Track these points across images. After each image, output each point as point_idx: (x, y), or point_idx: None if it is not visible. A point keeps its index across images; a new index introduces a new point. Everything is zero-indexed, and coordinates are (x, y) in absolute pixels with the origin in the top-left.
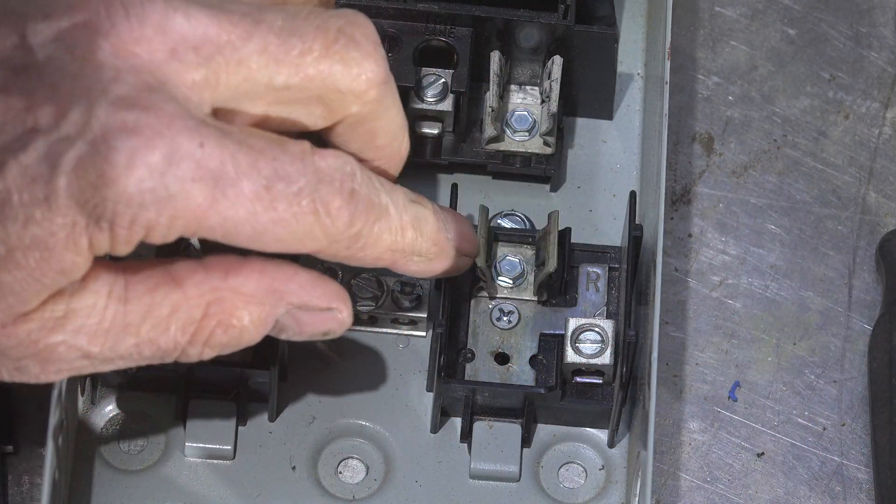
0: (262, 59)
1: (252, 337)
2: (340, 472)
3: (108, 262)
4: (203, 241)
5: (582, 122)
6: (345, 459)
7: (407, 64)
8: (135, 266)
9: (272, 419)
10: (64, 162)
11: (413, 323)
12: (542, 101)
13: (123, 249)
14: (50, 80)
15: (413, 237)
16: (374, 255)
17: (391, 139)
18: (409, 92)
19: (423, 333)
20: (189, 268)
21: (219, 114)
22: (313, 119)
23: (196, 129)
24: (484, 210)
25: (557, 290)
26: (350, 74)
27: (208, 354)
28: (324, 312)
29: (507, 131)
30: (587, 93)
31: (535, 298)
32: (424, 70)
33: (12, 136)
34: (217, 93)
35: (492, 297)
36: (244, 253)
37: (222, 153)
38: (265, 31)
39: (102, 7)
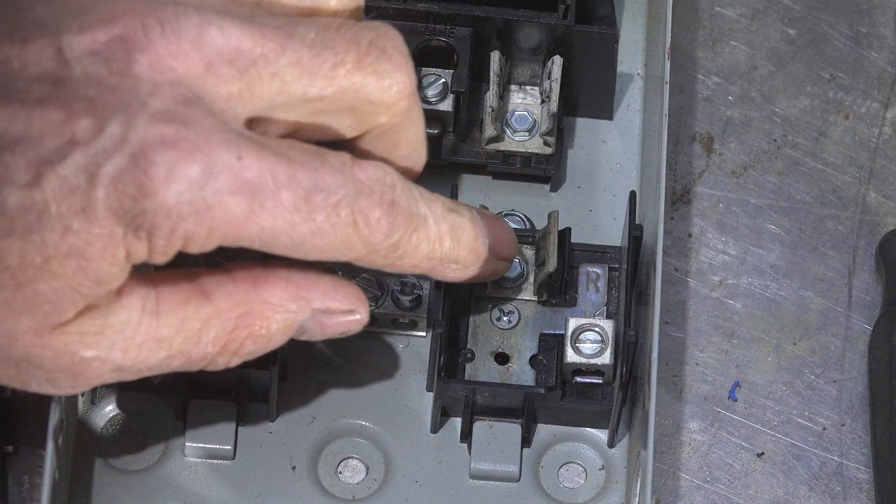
0: (296, 72)
1: (278, 342)
2: (340, 472)
3: (139, 276)
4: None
5: (582, 122)
6: (345, 459)
7: None
8: (164, 279)
9: (272, 419)
10: (102, 174)
11: (413, 323)
12: (542, 101)
13: (160, 259)
14: (87, 93)
15: (450, 246)
16: (412, 264)
17: (412, 149)
18: None
19: (423, 333)
20: (217, 280)
21: (252, 123)
22: (343, 129)
23: (234, 142)
24: (484, 210)
25: (557, 290)
26: (382, 86)
27: (235, 362)
28: (345, 314)
29: (507, 131)
30: (587, 93)
31: (535, 298)
32: (424, 70)
33: (51, 147)
34: (252, 105)
35: (492, 297)
36: (266, 257)
37: (260, 165)
38: (298, 43)
39: (139, 21)
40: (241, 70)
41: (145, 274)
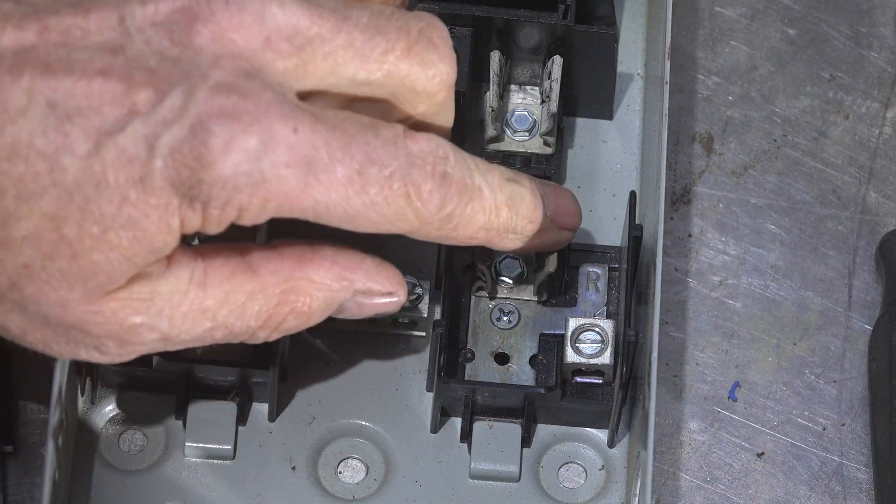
0: (348, 54)
1: (318, 319)
2: (340, 472)
3: (189, 247)
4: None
5: (582, 122)
6: (345, 459)
7: None
8: (213, 251)
9: (272, 419)
10: (161, 144)
11: (413, 323)
12: (542, 101)
13: (214, 230)
14: (148, 63)
15: (508, 216)
16: (468, 235)
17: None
18: None
19: (423, 333)
20: (264, 256)
21: (303, 99)
22: (382, 116)
23: (291, 115)
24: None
25: (557, 290)
26: (427, 75)
27: (275, 337)
28: (384, 296)
29: (507, 131)
30: (587, 93)
31: (535, 298)
32: None
33: (111, 118)
34: (303, 82)
35: (492, 297)
36: (311, 234)
37: (316, 138)
38: (352, 26)
39: None
40: (298, 47)
41: (195, 245)
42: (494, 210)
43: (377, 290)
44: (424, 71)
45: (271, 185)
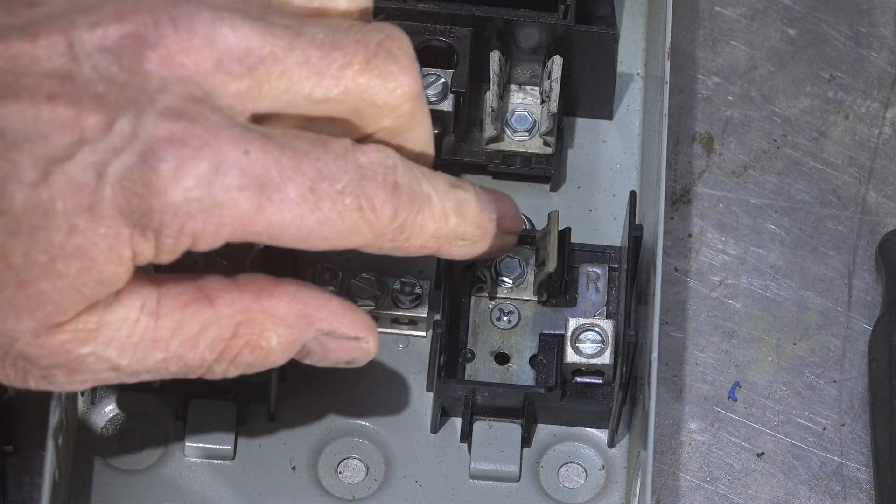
0: (304, 71)
1: (277, 359)
2: (340, 472)
3: (141, 276)
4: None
5: (582, 122)
6: (345, 459)
7: None
8: (168, 280)
9: (272, 419)
10: (110, 172)
11: (413, 323)
12: (542, 101)
13: (167, 258)
14: (97, 89)
15: (456, 222)
16: (419, 244)
17: (420, 151)
18: None
19: (423, 333)
20: (222, 286)
21: (258, 121)
22: (346, 132)
23: (241, 137)
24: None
25: (557, 290)
26: (387, 89)
27: (233, 373)
28: (351, 341)
29: (507, 131)
30: (587, 93)
31: (535, 298)
32: (424, 70)
33: (60, 145)
34: (258, 102)
35: (492, 297)
36: (278, 272)
37: (267, 159)
38: (307, 43)
39: (150, 18)
40: (250, 68)
41: (149, 275)
42: (443, 217)
43: (343, 332)
44: (384, 84)
45: (224, 209)
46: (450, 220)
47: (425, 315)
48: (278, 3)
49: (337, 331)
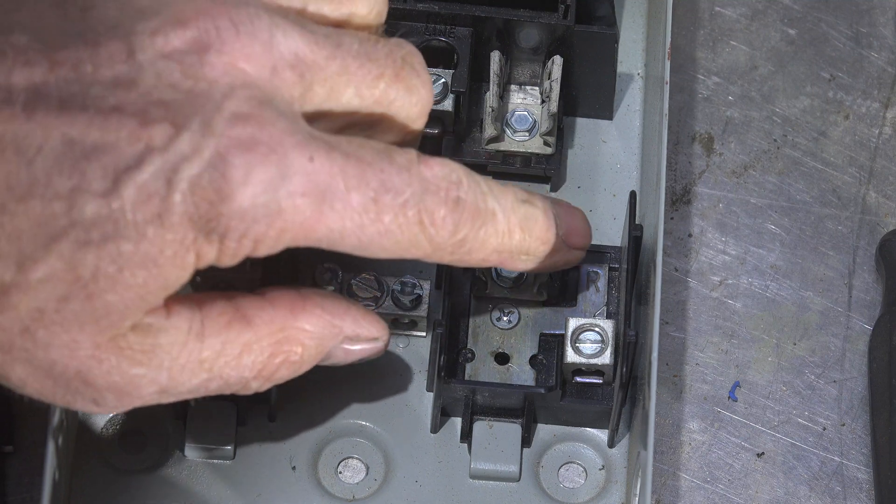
0: (343, 80)
1: (308, 367)
2: (340, 472)
3: (186, 297)
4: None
5: (582, 122)
6: (345, 459)
7: None
8: (209, 301)
9: (272, 419)
10: (180, 179)
11: (413, 323)
12: (542, 101)
13: (228, 262)
14: (161, 97)
15: (521, 238)
16: (480, 258)
17: None
18: None
19: (423, 333)
20: (257, 304)
21: None
22: None
23: (306, 144)
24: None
25: (557, 290)
26: (410, 102)
27: (266, 387)
28: (370, 342)
29: (508, 131)
30: (587, 93)
31: (536, 298)
32: None
33: (128, 154)
34: (304, 110)
35: (492, 297)
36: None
37: (332, 166)
38: (345, 53)
39: (211, 23)
40: (300, 74)
41: (190, 295)
42: (507, 233)
43: (364, 335)
44: (409, 97)
45: (287, 214)
46: (514, 235)
47: (425, 315)
48: (311, 13)
49: (360, 336)
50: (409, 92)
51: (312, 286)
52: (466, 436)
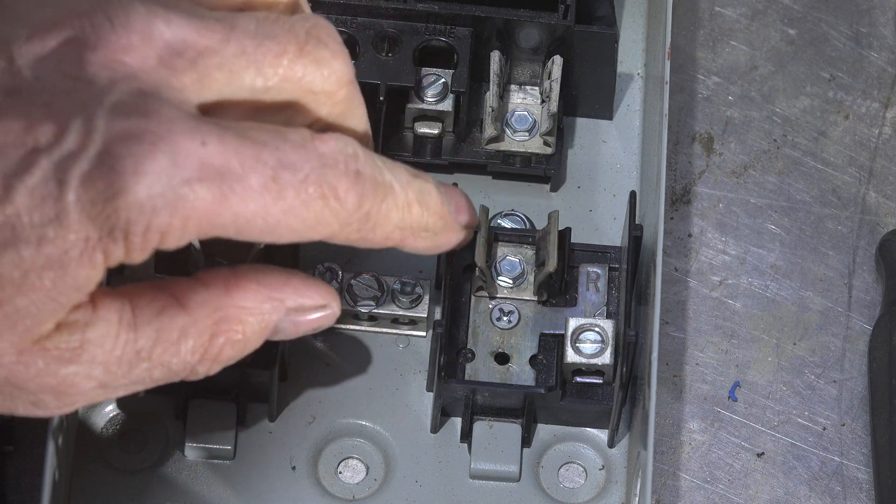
0: (242, 62)
1: (255, 345)
2: (340, 472)
3: (113, 290)
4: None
5: (582, 122)
6: (345, 459)
7: (407, 64)
8: (138, 290)
9: (272, 419)
10: (71, 177)
11: (413, 323)
12: (542, 101)
13: (138, 258)
14: (43, 98)
15: (419, 212)
16: (384, 235)
17: (359, 140)
18: (409, 92)
19: (423, 333)
20: (189, 286)
21: (206, 114)
22: (288, 124)
23: (196, 129)
24: (484, 210)
25: (557, 290)
26: (322, 75)
27: (215, 370)
28: (317, 310)
29: (508, 131)
30: (587, 93)
31: (535, 298)
32: (424, 70)
33: (15, 158)
34: (202, 96)
35: (492, 297)
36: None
37: (225, 149)
38: (241, 34)
39: (86, 20)
40: (191, 61)
41: (119, 287)
42: (406, 206)
43: (309, 305)
44: (319, 70)
45: (187, 202)
46: (413, 209)
47: (425, 315)
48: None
49: (304, 305)
50: (317, 65)
51: None
52: (466, 436)
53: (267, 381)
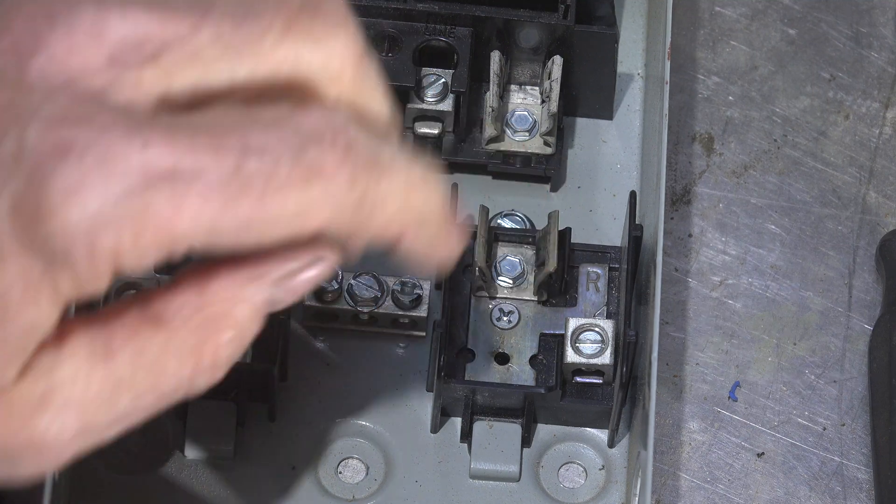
0: (217, 49)
1: (252, 333)
2: (340, 472)
3: (81, 320)
4: None
5: (582, 122)
6: (345, 459)
7: (407, 64)
8: (108, 313)
9: (272, 419)
10: (2, 204)
11: (413, 323)
12: (542, 101)
13: (94, 286)
14: None
15: (422, 199)
16: (383, 221)
17: (379, 128)
18: (409, 92)
19: (423, 333)
20: (159, 297)
21: (191, 109)
22: None
23: (136, 130)
24: (484, 210)
25: (557, 290)
26: (320, 54)
27: (219, 375)
28: (310, 267)
29: (508, 131)
30: (587, 93)
31: (535, 298)
32: (424, 70)
33: None
34: (171, 91)
35: (492, 297)
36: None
37: (174, 148)
38: (217, 17)
39: (26, 25)
40: (152, 55)
41: (92, 314)
42: (407, 191)
43: (298, 266)
44: (316, 48)
45: (133, 215)
46: (414, 194)
47: (425, 315)
48: None
49: (292, 269)
50: (314, 42)
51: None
52: (466, 436)
53: (267, 381)
